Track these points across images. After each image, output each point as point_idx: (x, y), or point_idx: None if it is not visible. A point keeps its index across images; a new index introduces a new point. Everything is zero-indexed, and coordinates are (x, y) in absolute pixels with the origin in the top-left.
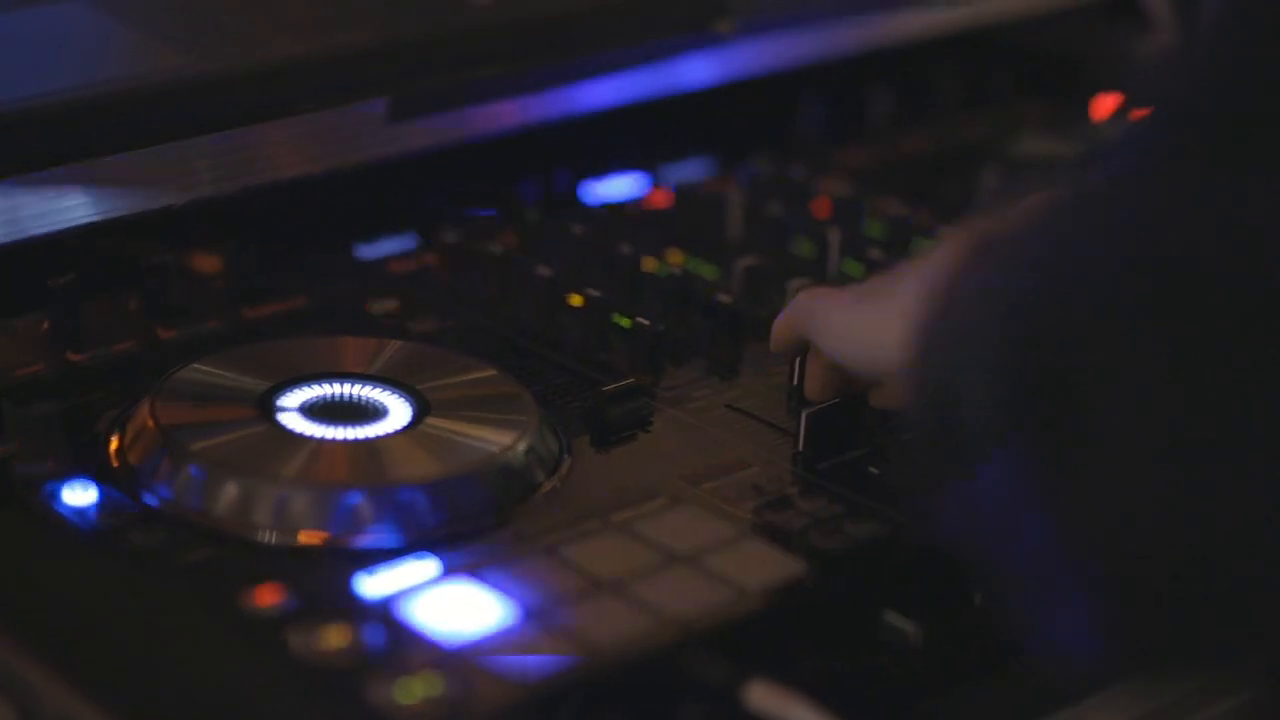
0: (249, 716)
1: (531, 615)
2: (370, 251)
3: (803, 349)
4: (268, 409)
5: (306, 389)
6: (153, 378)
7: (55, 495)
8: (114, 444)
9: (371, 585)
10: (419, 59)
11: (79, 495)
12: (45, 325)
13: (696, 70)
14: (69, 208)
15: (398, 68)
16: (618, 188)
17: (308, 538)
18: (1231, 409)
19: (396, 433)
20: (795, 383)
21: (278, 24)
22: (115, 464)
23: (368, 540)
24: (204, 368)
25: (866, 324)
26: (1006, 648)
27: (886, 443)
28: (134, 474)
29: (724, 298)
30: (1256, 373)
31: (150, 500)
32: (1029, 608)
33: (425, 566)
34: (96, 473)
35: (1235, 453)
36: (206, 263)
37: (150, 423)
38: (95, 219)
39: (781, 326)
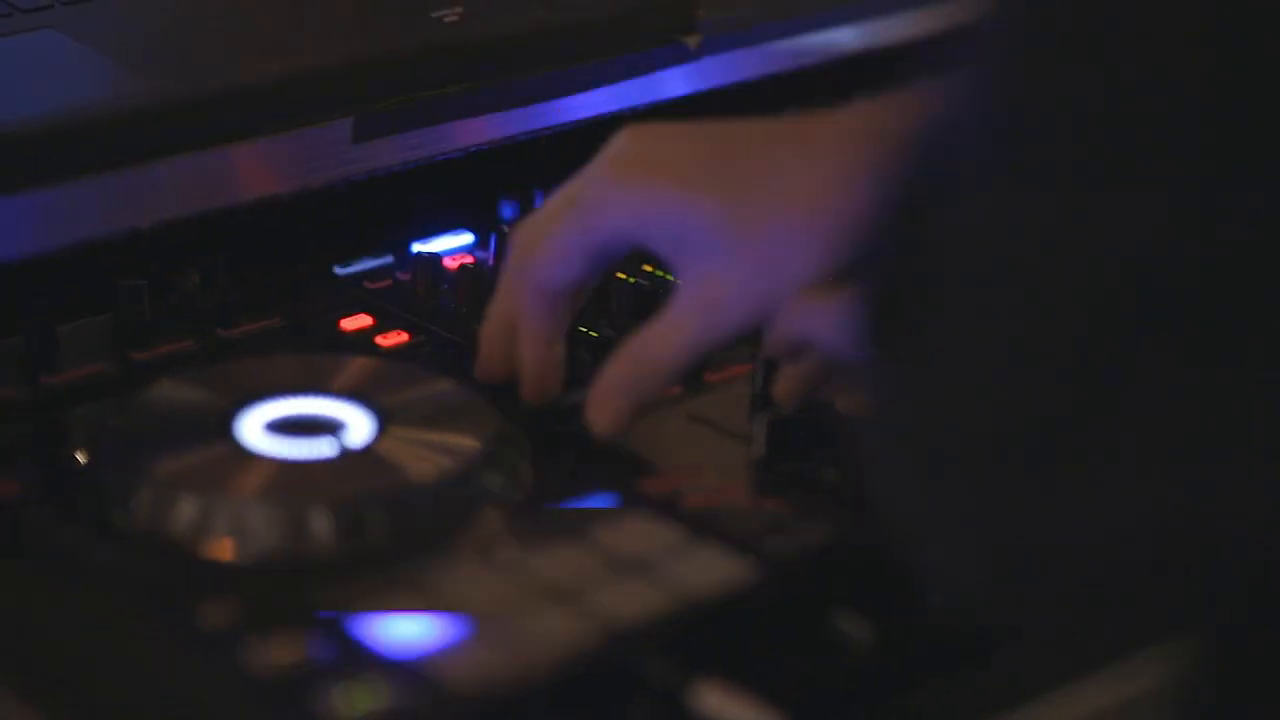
0: None
1: (485, 625)
2: (344, 269)
3: (801, 352)
4: (229, 427)
5: (268, 406)
6: (125, 399)
7: (19, 515)
8: (80, 464)
9: (327, 599)
10: (388, 76)
11: (43, 515)
12: (19, 348)
13: (666, 84)
14: (41, 231)
15: (367, 85)
16: None
17: (264, 553)
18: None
19: (357, 447)
20: (759, 390)
21: (247, 46)
22: (80, 484)
23: (324, 554)
24: (169, 387)
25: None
26: (958, 650)
27: (846, 447)
28: (98, 493)
29: None
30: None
31: (113, 519)
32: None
33: (381, 579)
34: (62, 492)
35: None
36: (180, 284)
37: (113, 442)
38: (68, 242)
39: (781, 332)
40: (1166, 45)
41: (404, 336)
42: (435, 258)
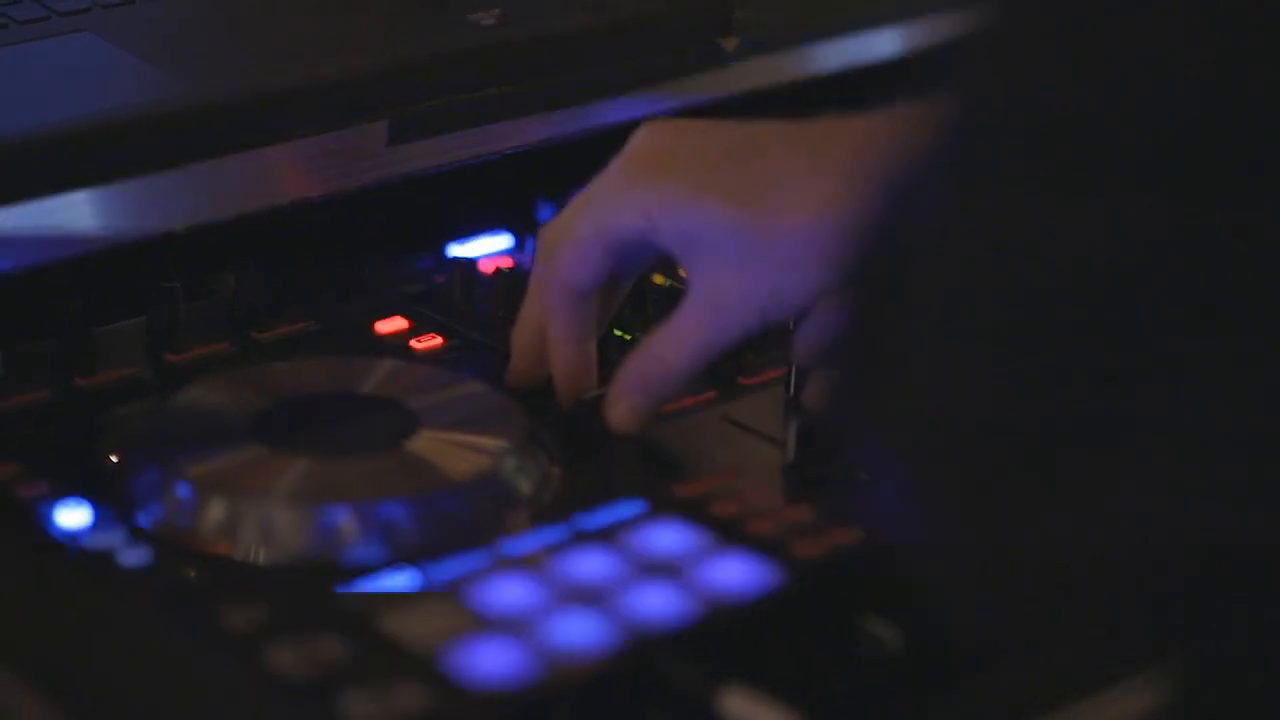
0: None
1: (512, 628)
2: (381, 272)
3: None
4: (259, 430)
5: (298, 409)
6: (158, 401)
7: (50, 517)
8: (111, 466)
9: (354, 601)
10: (425, 79)
11: (74, 517)
12: (54, 350)
13: (703, 87)
14: (77, 233)
15: (403, 88)
16: None
17: (292, 555)
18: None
19: (386, 450)
20: (792, 393)
21: (283, 49)
22: (111, 486)
23: (353, 557)
24: (200, 390)
25: None
26: (987, 656)
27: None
28: (128, 495)
29: None
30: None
31: (142, 521)
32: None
33: (408, 581)
34: (93, 494)
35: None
36: (215, 286)
37: (144, 444)
38: (103, 244)
39: (810, 337)
40: (1134, 60)
41: (439, 340)
42: (471, 261)
